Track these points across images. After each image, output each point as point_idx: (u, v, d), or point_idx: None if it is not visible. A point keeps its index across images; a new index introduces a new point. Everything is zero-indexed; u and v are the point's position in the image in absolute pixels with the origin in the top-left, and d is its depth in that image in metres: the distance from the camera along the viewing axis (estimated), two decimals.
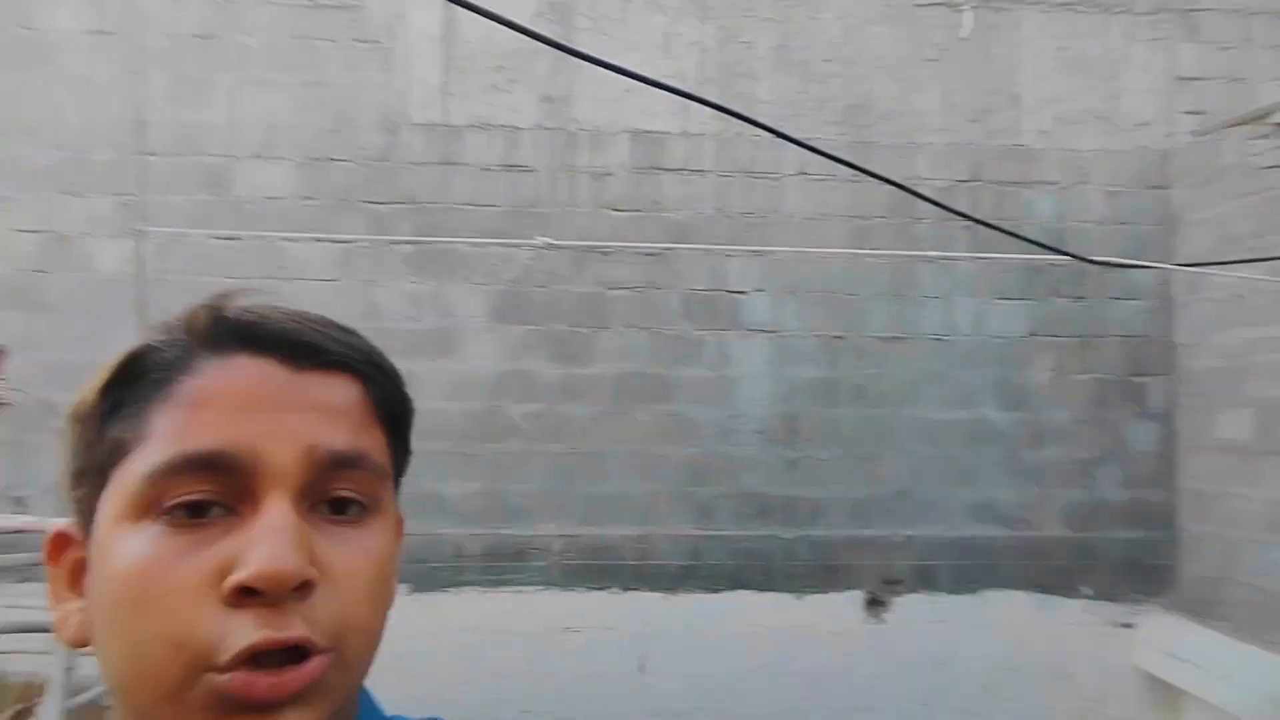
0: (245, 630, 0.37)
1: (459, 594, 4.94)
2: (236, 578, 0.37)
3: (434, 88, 5.19)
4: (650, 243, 5.13)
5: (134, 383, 0.41)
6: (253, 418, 0.40)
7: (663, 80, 5.02)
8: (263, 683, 0.37)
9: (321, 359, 0.43)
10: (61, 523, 0.44)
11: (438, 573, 4.93)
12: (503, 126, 5.19)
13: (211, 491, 0.39)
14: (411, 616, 4.84)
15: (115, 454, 0.41)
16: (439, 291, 5.10)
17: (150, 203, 4.80)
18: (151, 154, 4.98)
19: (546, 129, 5.20)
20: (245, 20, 5.20)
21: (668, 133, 5.24)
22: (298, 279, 5.05)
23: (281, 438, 0.40)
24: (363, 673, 0.44)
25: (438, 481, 4.99)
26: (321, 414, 0.42)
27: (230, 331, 0.42)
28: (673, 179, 5.22)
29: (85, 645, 0.41)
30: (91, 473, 0.42)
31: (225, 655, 0.37)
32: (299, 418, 0.41)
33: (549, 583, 4.99)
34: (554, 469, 5.04)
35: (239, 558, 0.38)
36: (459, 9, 5.14)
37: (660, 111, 5.22)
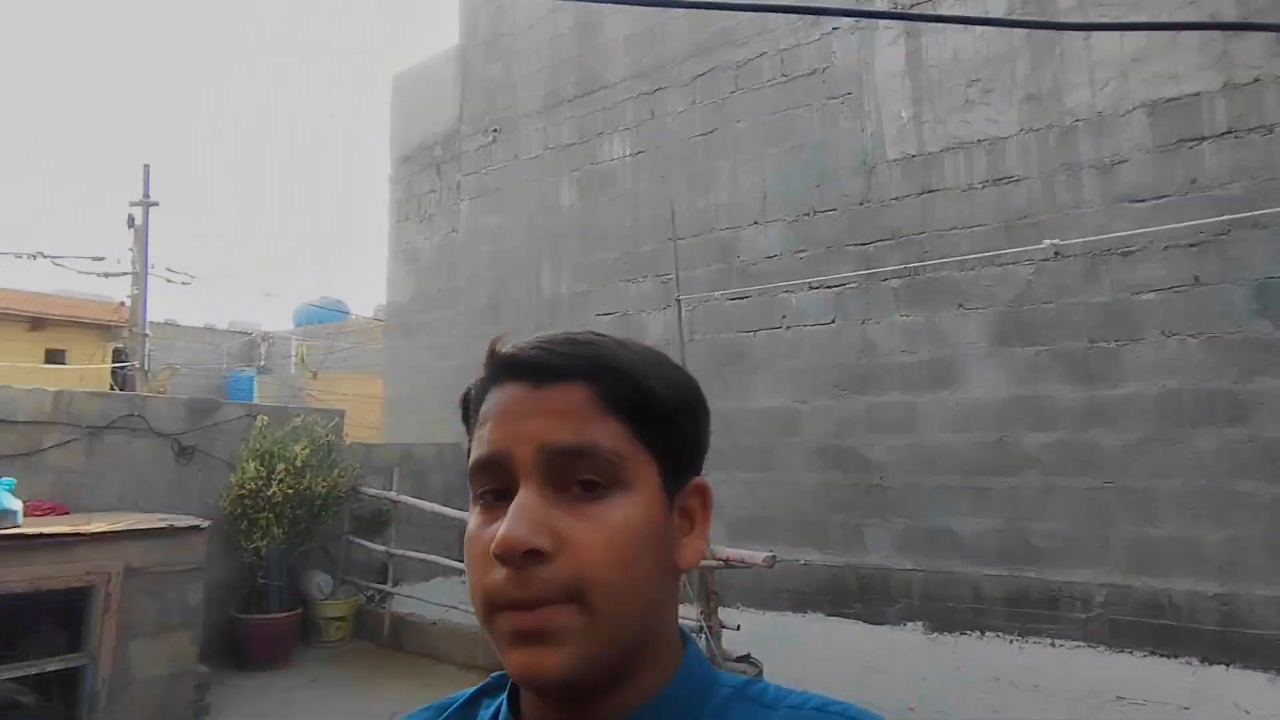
0: (504, 584, 0.49)
1: (981, 639, 4.62)
2: (491, 547, 0.49)
3: (906, 121, 5.21)
4: (1192, 231, 4.19)
5: (468, 414, 0.58)
6: (506, 428, 0.52)
7: (1196, 21, 4.16)
8: (523, 619, 0.48)
9: (553, 373, 0.53)
10: None
11: (954, 613, 4.71)
12: (982, 141, 4.90)
13: (497, 486, 0.52)
14: (930, 656, 4.73)
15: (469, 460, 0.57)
16: (932, 321, 5.00)
17: (681, 277, 5.86)
18: (680, 239, 6.11)
19: (1034, 130, 4.74)
20: (737, 110, 6.05)
21: (1200, 93, 4.26)
22: (798, 326, 5.54)
23: (523, 441, 0.51)
24: (623, 625, 0.50)
25: (947, 517, 4.81)
26: (553, 418, 0.52)
27: (499, 367, 0.56)
28: (1216, 147, 4.21)
29: None
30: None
31: (499, 599, 0.49)
32: (536, 424, 0.52)
33: (1091, 639, 4.32)
34: (1085, 506, 4.40)
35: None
36: (925, 39, 5.11)
37: (1188, 70, 4.30)
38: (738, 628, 3.99)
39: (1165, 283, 4.30)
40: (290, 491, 5.52)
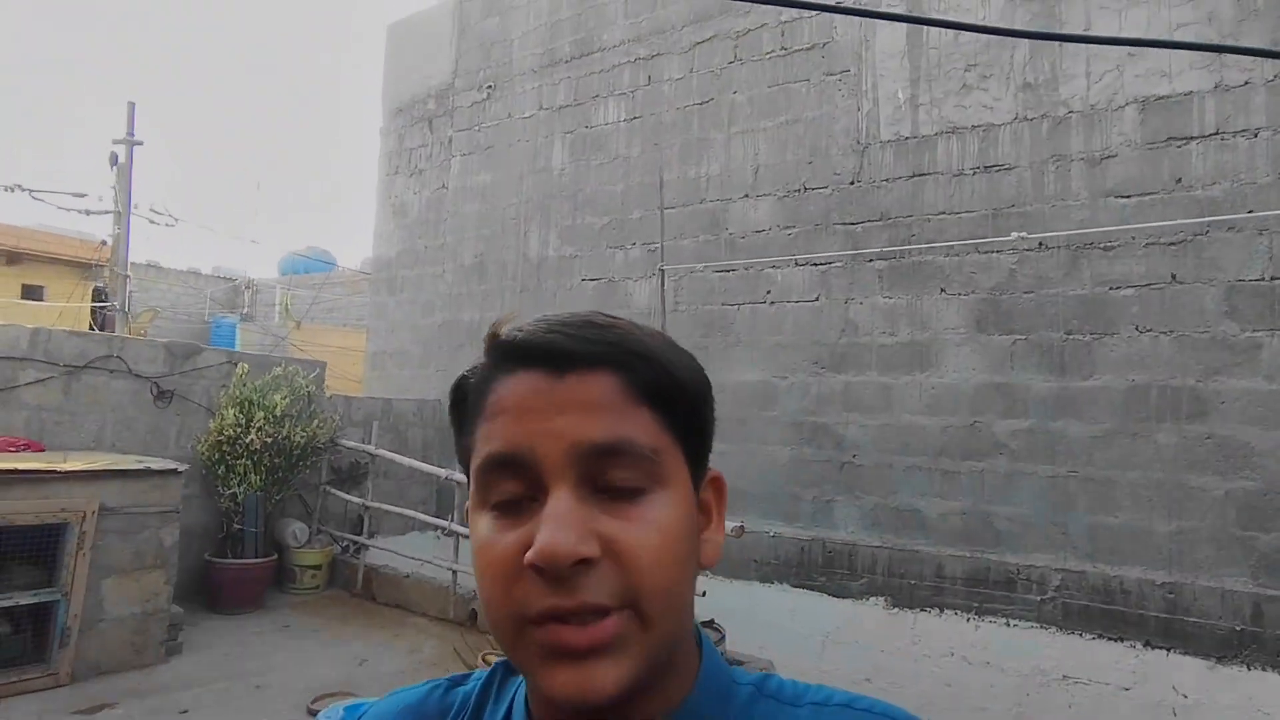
0: (543, 595, 0.44)
1: (939, 616, 4.77)
2: (528, 557, 0.44)
3: (902, 102, 5.20)
4: (1173, 230, 4.25)
5: (463, 404, 0.53)
6: (528, 423, 0.47)
7: (1182, 40, 4.17)
8: (573, 635, 0.44)
9: (577, 361, 0.48)
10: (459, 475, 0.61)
11: (916, 590, 4.85)
12: (976, 127, 4.92)
13: (518, 491, 0.47)
14: (889, 630, 4.88)
15: (466, 455, 0.52)
16: (914, 304, 5.06)
17: (668, 247, 5.86)
18: (669, 208, 6.09)
19: (1028, 119, 4.75)
20: (734, 80, 6.00)
21: (1192, 93, 4.29)
22: (783, 301, 5.58)
23: (550, 438, 0.46)
24: (670, 630, 0.48)
25: (915, 497, 4.92)
26: (582, 411, 0.47)
27: (508, 352, 0.50)
28: (1203, 148, 4.25)
29: None
30: (463, 468, 0.53)
31: (532, 611, 0.44)
32: (564, 419, 0.47)
33: (1044, 620, 4.47)
34: (1048, 493, 4.52)
35: (533, 536, 0.45)
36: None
37: (1181, 69, 4.32)
38: (703, 594, 4.08)
39: (1143, 279, 4.37)
40: (269, 440, 5.54)
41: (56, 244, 14.33)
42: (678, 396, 0.51)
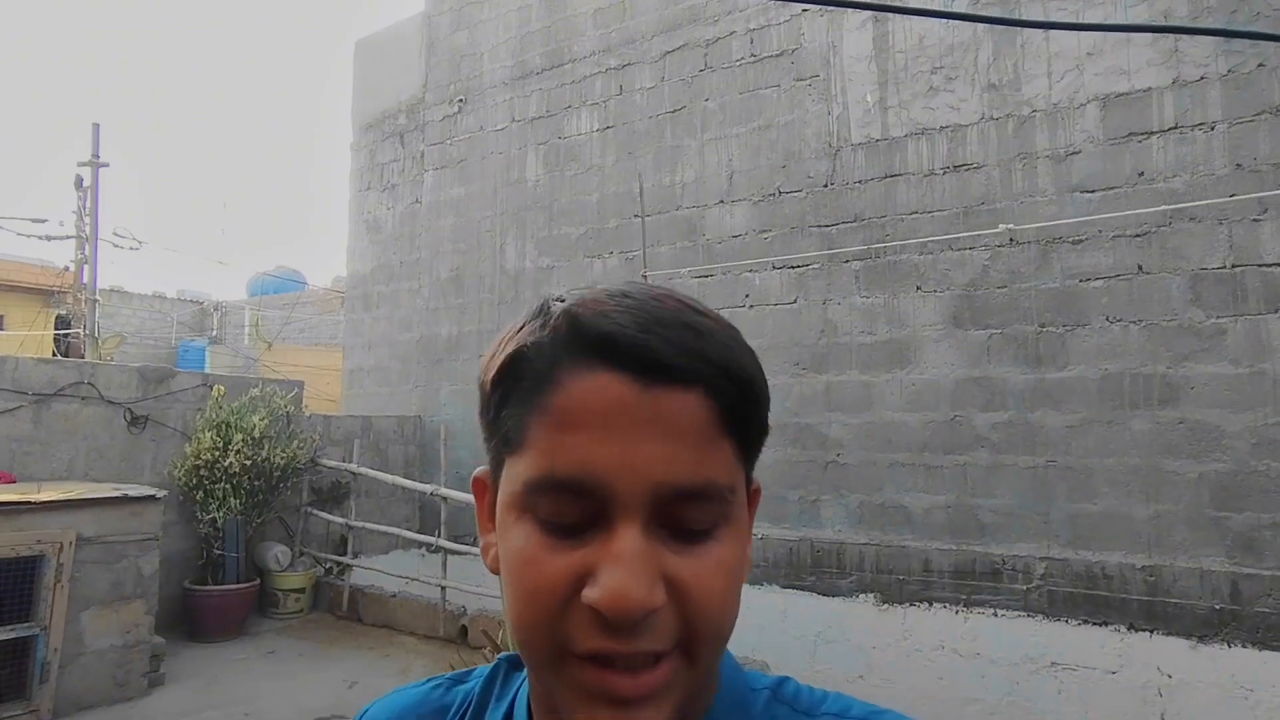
0: (595, 636, 0.41)
1: (928, 610, 4.83)
2: (589, 595, 0.40)
3: (871, 105, 5.30)
4: (1137, 221, 4.38)
5: (516, 381, 0.45)
6: (607, 446, 0.41)
7: (1146, 23, 4.31)
8: (624, 683, 0.41)
9: (671, 375, 0.42)
10: (481, 470, 0.51)
11: (904, 585, 4.91)
12: (945, 128, 5.02)
13: (575, 514, 0.42)
14: (880, 626, 4.92)
15: (506, 445, 0.45)
16: (891, 303, 5.13)
17: (648, 255, 5.88)
18: (646, 215, 6.12)
19: (994, 119, 4.87)
20: (705, 88, 6.07)
21: (1150, 89, 4.43)
22: (762, 305, 5.63)
23: (632, 471, 0.41)
24: (711, 668, 0.46)
25: (900, 493, 4.98)
26: (667, 441, 0.42)
27: (590, 344, 0.43)
28: (1163, 142, 4.38)
29: (499, 573, 0.47)
30: (494, 447, 0.47)
31: (580, 648, 0.41)
32: (647, 448, 0.41)
33: (1030, 609, 4.55)
34: (1029, 483, 4.61)
35: (595, 572, 0.41)
36: (891, 25, 5.19)
37: (1139, 66, 4.46)
38: None
39: (1111, 271, 4.49)
40: (248, 462, 5.46)
41: (16, 271, 13.98)
42: (756, 423, 0.46)
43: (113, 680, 4.18)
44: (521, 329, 0.46)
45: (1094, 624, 4.38)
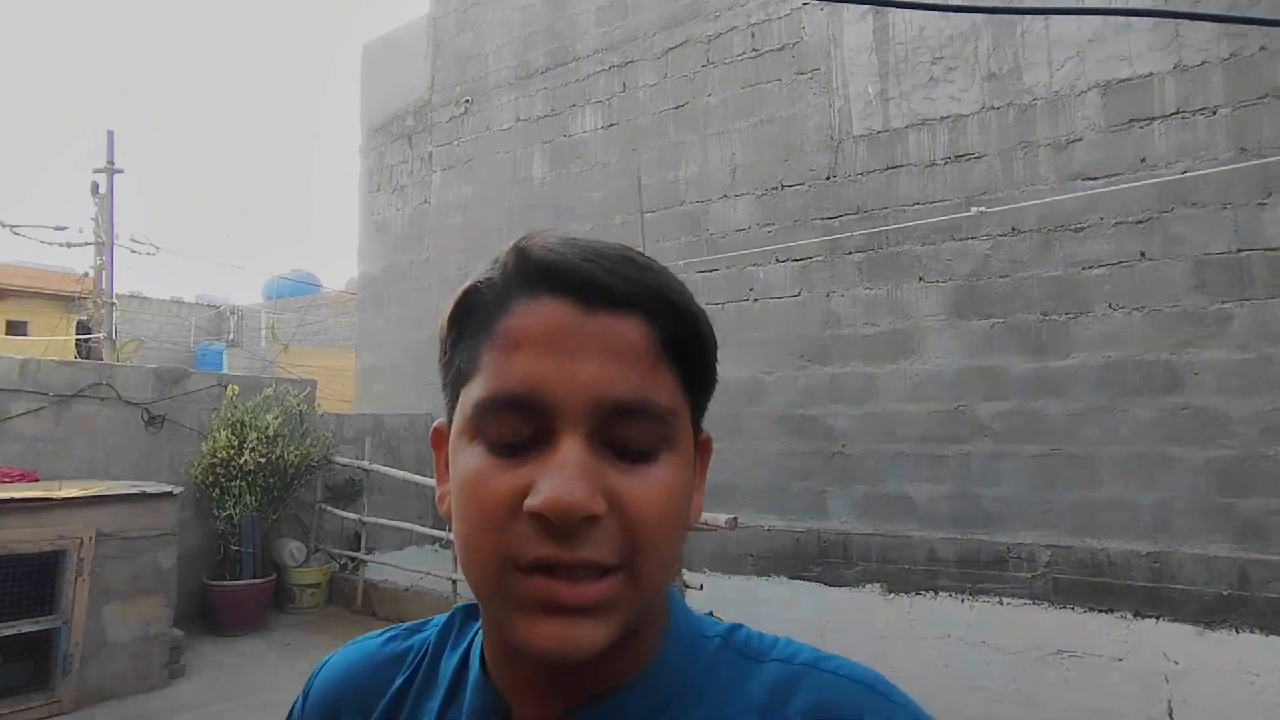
0: (539, 543, 0.42)
1: (934, 599, 4.84)
2: (530, 502, 0.42)
3: (872, 97, 5.31)
4: (1139, 207, 4.37)
5: (468, 317, 0.48)
6: (549, 362, 0.43)
7: (1147, 8, 4.29)
8: (566, 591, 0.42)
9: (611, 300, 0.45)
10: (440, 421, 0.52)
11: (910, 575, 4.92)
12: (945, 118, 5.03)
13: (521, 431, 0.44)
14: (885, 616, 4.95)
15: (460, 379, 0.47)
16: (894, 294, 5.15)
17: (651, 250, 5.92)
18: (650, 211, 6.17)
19: (994, 108, 4.87)
20: (708, 83, 6.10)
21: (1152, 74, 4.41)
22: (766, 298, 5.66)
23: (573, 385, 0.43)
24: (655, 589, 0.46)
25: (904, 483, 5.00)
26: (608, 359, 0.44)
27: (535, 273, 0.45)
28: (1164, 127, 4.37)
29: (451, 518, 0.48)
30: (449, 387, 0.49)
31: (524, 559, 0.42)
32: (587, 364, 0.43)
33: (1036, 597, 4.55)
34: (1032, 472, 4.61)
35: (537, 483, 0.42)
36: (892, 16, 5.19)
37: (1140, 52, 4.44)
38: (700, 587, 4.15)
39: (1113, 258, 4.48)
40: (262, 460, 5.57)
41: (39, 279, 14.27)
42: (697, 353, 0.48)
43: (134, 671, 4.29)
44: (478, 273, 0.49)
45: (1100, 611, 4.38)
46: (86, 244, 11.43)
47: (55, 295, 14.07)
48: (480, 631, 0.54)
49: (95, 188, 10.87)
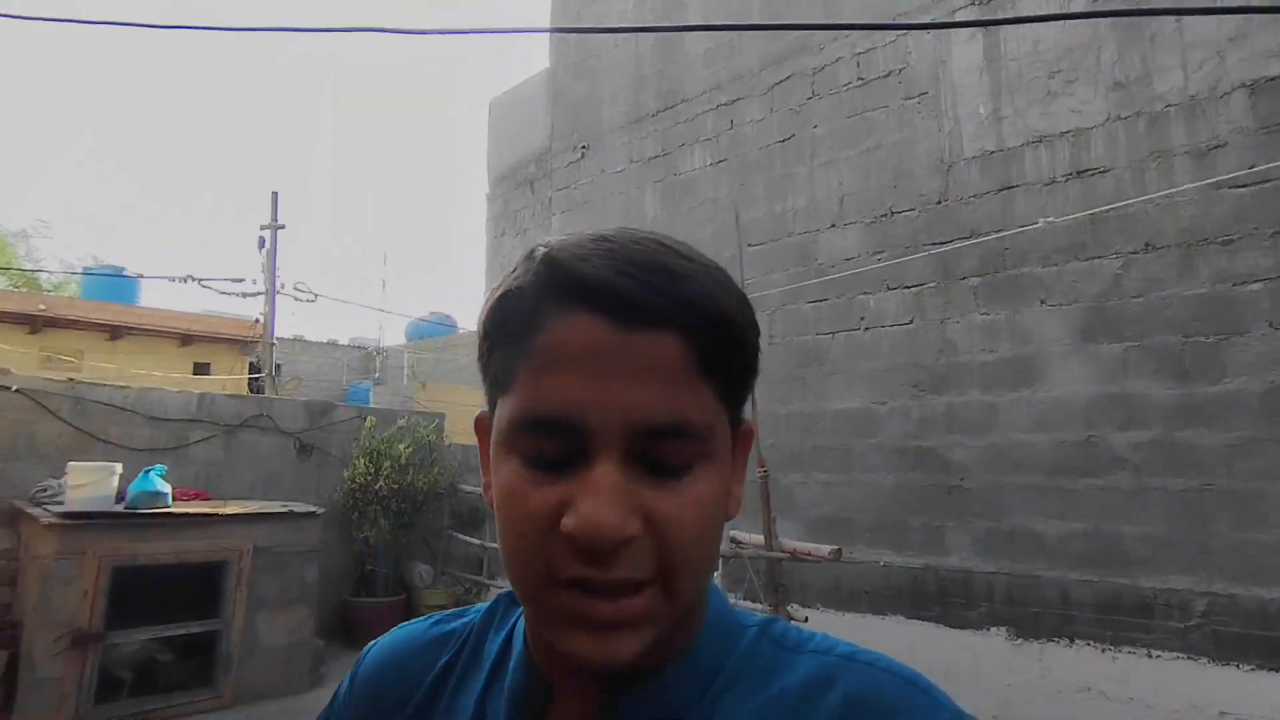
0: (575, 563, 0.43)
1: (1069, 647, 4.46)
2: (567, 524, 0.42)
3: (984, 117, 5.14)
4: None
5: (503, 325, 0.47)
6: (582, 385, 0.43)
7: None
8: (603, 608, 0.43)
9: (645, 318, 0.43)
10: (482, 411, 0.53)
11: (1040, 619, 4.57)
12: (1065, 133, 4.78)
13: (556, 450, 0.44)
14: (1014, 663, 4.61)
15: (497, 386, 0.48)
16: (1013, 319, 4.89)
17: (759, 281, 5.95)
18: (758, 244, 6.21)
19: (1121, 119, 4.58)
20: (813, 115, 6.12)
21: None
22: (878, 326, 5.53)
23: (607, 409, 0.43)
24: (689, 601, 0.47)
25: (1031, 519, 4.68)
26: (642, 380, 0.43)
27: (567, 286, 0.45)
28: None
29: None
30: (487, 389, 0.50)
31: (562, 575, 0.43)
32: (622, 387, 0.43)
33: (1192, 650, 4.10)
34: (1181, 509, 4.19)
35: (573, 502, 0.42)
36: (1003, 33, 5.03)
37: None
38: (805, 620, 4.05)
39: (1272, 271, 4.06)
40: (395, 486, 6.01)
41: (220, 325, 16.14)
42: (737, 361, 0.47)
43: (281, 675, 4.72)
44: (511, 274, 0.49)
45: (1272, 670, 3.88)
46: (259, 293, 12.88)
47: (231, 339, 15.84)
48: (522, 616, 0.56)
49: (262, 242, 12.26)
